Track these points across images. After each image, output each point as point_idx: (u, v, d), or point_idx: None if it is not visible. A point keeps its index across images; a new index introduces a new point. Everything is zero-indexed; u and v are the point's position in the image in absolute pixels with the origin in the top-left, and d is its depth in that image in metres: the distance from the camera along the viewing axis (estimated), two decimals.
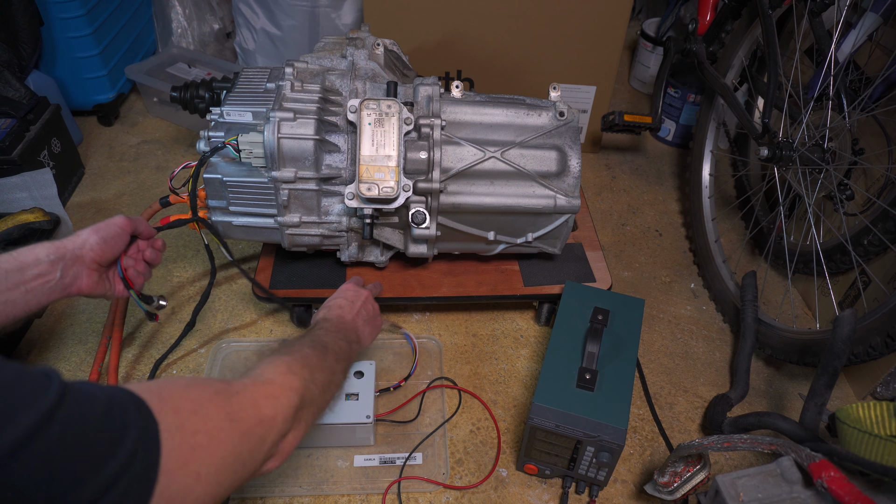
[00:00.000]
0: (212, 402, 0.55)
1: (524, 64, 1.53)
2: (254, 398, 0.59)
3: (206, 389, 0.56)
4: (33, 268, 0.74)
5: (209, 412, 0.54)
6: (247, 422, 0.57)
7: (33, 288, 0.73)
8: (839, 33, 1.09)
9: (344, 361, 0.78)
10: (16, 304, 0.72)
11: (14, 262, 0.72)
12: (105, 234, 0.81)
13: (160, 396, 0.51)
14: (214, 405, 0.55)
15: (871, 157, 1.14)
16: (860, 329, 0.96)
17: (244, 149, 0.95)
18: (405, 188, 0.98)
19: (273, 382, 0.62)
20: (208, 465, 0.51)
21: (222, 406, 0.55)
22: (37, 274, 0.74)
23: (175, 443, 0.49)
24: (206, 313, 1.23)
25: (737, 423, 1.01)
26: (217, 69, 1.73)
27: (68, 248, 0.78)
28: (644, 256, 1.44)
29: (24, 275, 0.73)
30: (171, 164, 1.60)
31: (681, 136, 1.77)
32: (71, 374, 1.11)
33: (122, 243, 0.84)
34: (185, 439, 0.50)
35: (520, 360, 1.19)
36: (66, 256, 0.77)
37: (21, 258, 0.73)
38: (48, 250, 0.76)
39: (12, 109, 1.35)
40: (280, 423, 0.60)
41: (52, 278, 0.75)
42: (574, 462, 0.93)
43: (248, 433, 0.56)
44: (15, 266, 0.72)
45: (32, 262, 0.74)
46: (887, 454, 0.72)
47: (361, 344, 0.89)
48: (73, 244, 0.79)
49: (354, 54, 1.09)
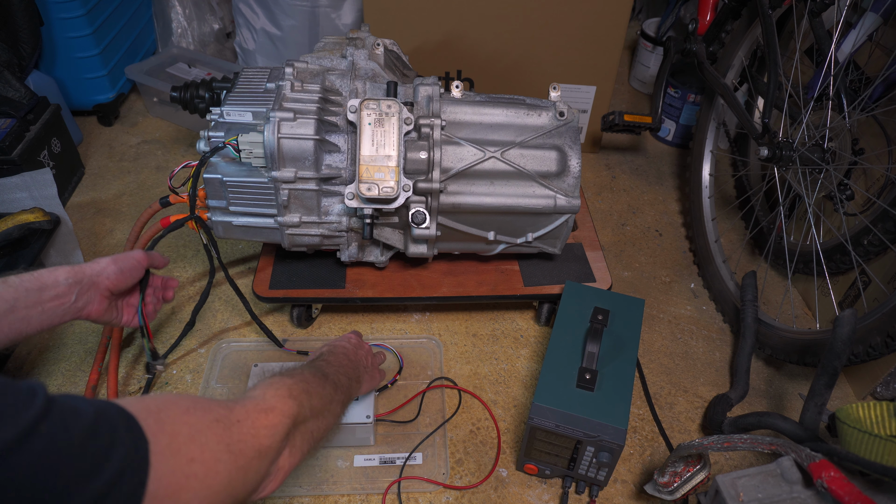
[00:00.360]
0: (211, 430, 0.54)
1: (524, 64, 1.53)
2: (254, 428, 0.58)
3: (207, 416, 0.55)
4: (52, 289, 0.77)
5: (208, 440, 0.52)
6: (245, 454, 0.56)
7: (49, 308, 0.76)
8: (839, 33, 1.09)
9: (342, 394, 0.78)
10: (31, 322, 0.74)
11: (35, 282, 0.75)
12: (123, 265, 0.85)
13: (157, 417, 0.49)
14: (214, 434, 0.53)
15: (871, 157, 1.14)
16: (860, 329, 0.96)
17: (244, 149, 0.95)
18: (405, 188, 0.98)
19: (274, 410, 0.62)
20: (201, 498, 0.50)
21: (222, 436, 0.54)
22: (54, 295, 0.77)
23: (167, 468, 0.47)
24: (206, 313, 1.23)
25: (737, 423, 1.01)
26: (217, 69, 1.73)
27: (86, 274, 0.81)
28: (644, 256, 1.44)
29: (43, 295, 0.75)
30: (171, 164, 1.60)
31: (681, 136, 1.77)
32: (71, 373, 1.11)
33: (137, 276, 0.88)
34: (179, 466, 0.49)
35: (520, 360, 1.19)
36: (84, 281, 0.80)
37: (42, 279, 0.76)
38: (67, 274, 0.79)
39: (12, 109, 1.35)
40: (275, 450, 0.60)
41: (67, 300, 0.78)
42: (574, 462, 0.93)
43: (245, 467, 0.55)
44: (35, 285, 0.75)
45: (52, 283, 0.77)
46: (887, 454, 0.72)
47: (360, 386, 0.88)
48: (91, 270, 0.82)
49: (354, 54, 1.09)
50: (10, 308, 0.72)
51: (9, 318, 0.72)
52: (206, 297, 1.08)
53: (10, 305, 0.72)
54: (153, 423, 0.48)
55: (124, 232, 1.39)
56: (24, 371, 1.11)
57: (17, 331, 0.73)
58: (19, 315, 0.73)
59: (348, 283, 1.17)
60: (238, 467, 0.54)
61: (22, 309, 0.73)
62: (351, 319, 1.24)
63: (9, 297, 0.72)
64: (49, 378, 1.10)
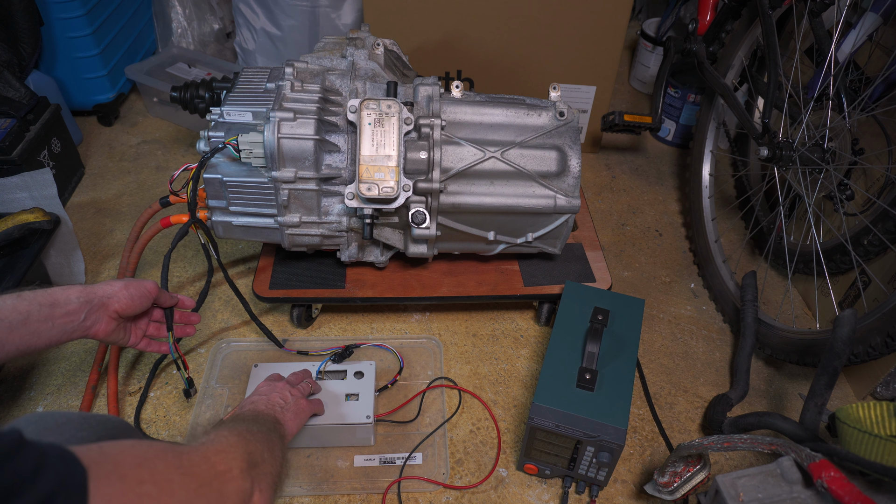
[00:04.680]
0: (159, 457, 0.53)
1: (524, 64, 1.53)
2: (205, 454, 0.58)
3: (154, 447, 0.54)
4: (64, 306, 0.79)
5: (156, 465, 0.52)
6: (201, 475, 0.55)
7: (59, 324, 0.78)
8: (839, 33, 1.09)
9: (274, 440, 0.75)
10: (41, 336, 0.76)
11: (48, 298, 0.77)
12: (133, 292, 0.87)
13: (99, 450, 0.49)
14: (162, 460, 0.53)
15: (871, 157, 1.14)
16: (860, 329, 0.96)
17: (244, 149, 0.95)
18: (405, 188, 0.98)
19: (218, 441, 0.62)
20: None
21: (172, 461, 0.54)
22: (65, 312, 0.78)
23: (114, 490, 0.47)
24: (206, 313, 1.23)
25: (737, 423, 1.01)
26: (217, 69, 1.73)
27: (97, 295, 0.83)
28: (644, 256, 1.44)
29: (55, 311, 0.77)
30: (170, 163, 1.60)
31: (681, 136, 1.77)
32: (71, 373, 1.11)
33: (146, 304, 0.89)
34: (129, 488, 0.48)
35: (520, 360, 1.19)
36: (94, 302, 0.82)
37: (55, 296, 0.78)
38: (79, 293, 0.81)
39: (12, 109, 1.35)
40: (237, 477, 0.60)
41: (76, 319, 0.80)
42: (574, 462, 0.93)
43: (205, 485, 0.55)
44: (48, 301, 0.77)
45: (64, 300, 0.79)
46: (887, 454, 0.72)
47: (285, 428, 0.86)
48: (102, 292, 0.84)
49: (354, 54, 1.09)
50: (24, 320, 0.74)
51: (21, 331, 0.74)
52: (204, 296, 1.08)
53: (24, 318, 0.74)
54: (95, 454, 0.48)
55: (124, 232, 1.39)
56: (25, 371, 1.12)
57: (27, 343, 0.75)
58: (31, 328, 0.75)
59: (348, 283, 1.17)
60: (197, 485, 0.54)
61: (34, 322, 0.75)
62: (351, 319, 1.24)
63: (23, 309, 0.74)
64: (49, 378, 1.10)
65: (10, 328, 0.73)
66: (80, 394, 1.08)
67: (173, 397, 1.09)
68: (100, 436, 0.65)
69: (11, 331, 0.73)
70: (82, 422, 0.65)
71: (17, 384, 1.10)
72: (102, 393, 1.08)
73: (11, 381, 1.10)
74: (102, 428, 0.66)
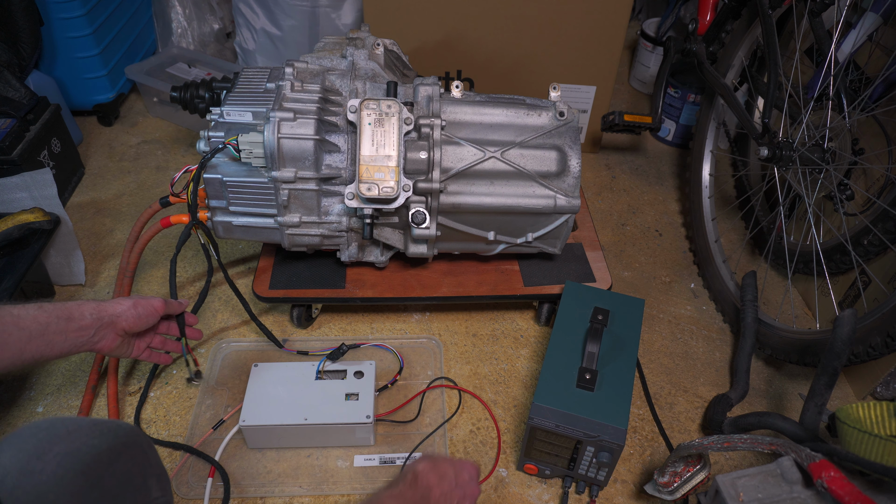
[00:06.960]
0: None
1: (524, 64, 1.53)
2: None
3: None
4: (78, 321, 0.83)
5: None
6: None
7: (71, 338, 0.82)
8: (839, 33, 1.09)
9: None
10: (54, 347, 0.80)
11: (65, 312, 0.82)
12: (141, 311, 0.91)
13: None
14: None
15: (871, 157, 1.14)
16: (860, 329, 0.96)
17: (244, 149, 0.95)
18: (405, 188, 0.98)
19: None
20: None
21: None
22: (79, 327, 0.83)
23: None
24: (206, 313, 1.23)
25: (737, 423, 1.01)
26: (217, 69, 1.73)
27: (108, 313, 0.87)
28: (644, 256, 1.44)
29: (70, 325, 0.82)
30: (171, 163, 1.60)
31: (681, 136, 1.77)
32: (71, 373, 1.11)
33: (152, 322, 0.93)
34: None
35: (520, 360, 1.19)
36: (104, 319, 0.86)
37: (71, 310, 0.83)
38: (92, 310, 0.85)
39: (12, 109, 1.35)
40: None
41: (87, 334, 0.84)
42: (574, 462, 0.93)
43: None
44: (65, 315, 0.81)
45: (79, 315, 0.83)
46: (887, 454, 0.72)
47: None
48: (112, 311, 0.88)
49: (354, 54, 1.09)
50: (42, 331, 0.78)
51: (38, 341, 0.78)
52: (204, 296, 1.08)
53: (43, 328, 0.78)
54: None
55: (124, 232, 1.39)
56: (25, 371, 1.12)
57: (41, 353, 0.79)
58: (47, 339, 0.79)
59: (348, 283, 1.17)
60: None
61: (51, 334, 0.79)
62: (351, 319, 1.24)
63: (43, 320, 0.79)
64: (49, 378, 1.10)
65: (30, 337, 0.77)
66: (79, 394, 1.08)
67: (173, 397, 1.09)
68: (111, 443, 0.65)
69: (30, 340, 0.77)
70: (93, 428, 0.66)
71: (17, 384, 1.09)
72: (102, 393, 1.08)
73: (11, 381, 1.10)
74: (113, 435, 0.67)
